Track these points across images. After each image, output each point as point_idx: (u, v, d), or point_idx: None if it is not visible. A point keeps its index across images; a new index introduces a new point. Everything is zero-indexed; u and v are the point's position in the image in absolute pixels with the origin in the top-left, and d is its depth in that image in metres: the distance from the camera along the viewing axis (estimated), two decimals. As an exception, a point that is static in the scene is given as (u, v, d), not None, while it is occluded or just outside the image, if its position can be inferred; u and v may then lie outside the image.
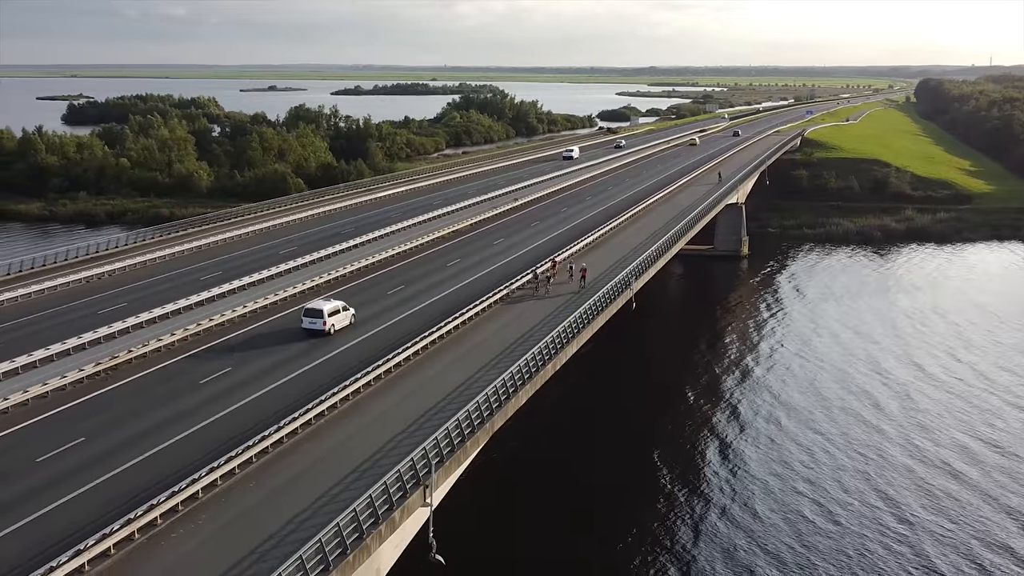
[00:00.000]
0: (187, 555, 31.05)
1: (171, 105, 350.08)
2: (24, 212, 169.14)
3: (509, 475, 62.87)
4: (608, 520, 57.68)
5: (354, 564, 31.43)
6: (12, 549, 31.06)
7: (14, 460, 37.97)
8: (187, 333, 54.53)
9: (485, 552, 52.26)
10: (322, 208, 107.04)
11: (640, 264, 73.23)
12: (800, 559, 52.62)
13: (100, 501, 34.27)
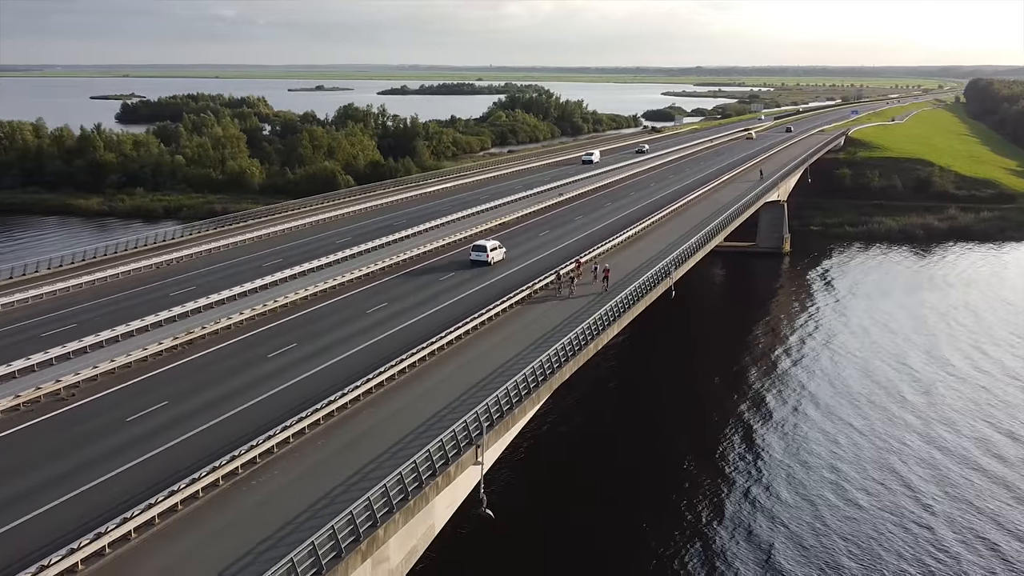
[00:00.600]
0: (265, 499, 34.74)
1: (222, 104, 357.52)
2: (84, 207, 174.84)
3: (553, 448, 67.28)
4: (640, 494, 61.27)
5: (414, 509, 34.98)
6: (115, 491, 34.94)
7: (107, 420, 42.02)
8: (254, 313, 58.69)
9: (530, 514, 56.51)
10: (373, 202, 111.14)
11: (680, 254, 76.18)
12: (820, 537, 55.34)
13: (184, 454, 38.06)
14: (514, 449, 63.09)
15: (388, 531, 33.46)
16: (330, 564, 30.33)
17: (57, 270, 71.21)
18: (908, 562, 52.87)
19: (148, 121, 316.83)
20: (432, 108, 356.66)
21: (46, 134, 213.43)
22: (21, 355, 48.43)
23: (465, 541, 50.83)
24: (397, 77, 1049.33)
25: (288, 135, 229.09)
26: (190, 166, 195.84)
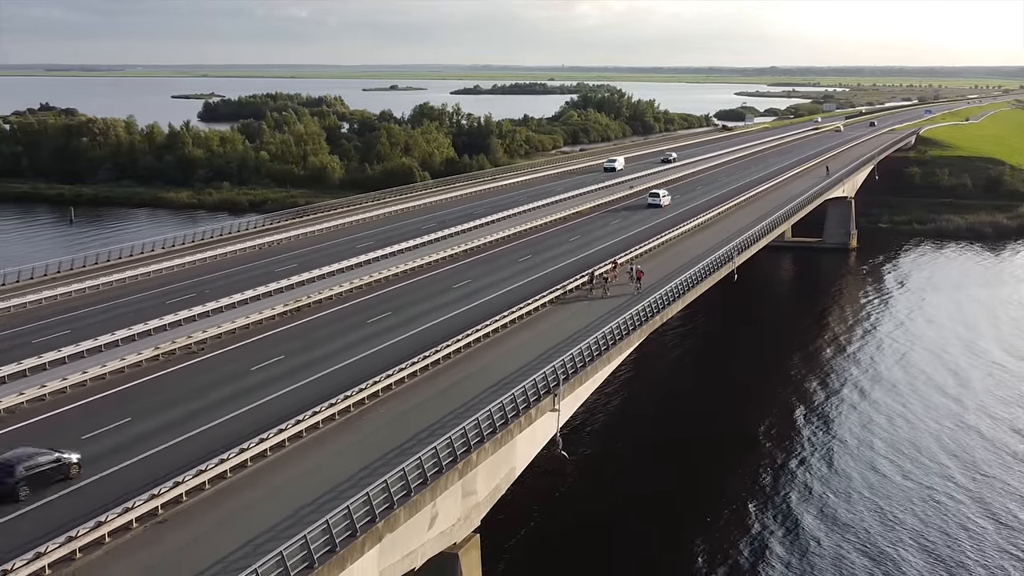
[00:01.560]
0: (375, 430, 41.06)
1: (300, 104, 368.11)
2: (174, 200, 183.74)
3: (622, 413, 73.65)
4: (702, 459, 66.81)
5: (500, 442, 40.80)
6: (246, 421, 41.34)
7: (234, 369, 48.69)
8: (352, 286, 65.65)
9: (599, 462, 61.87)
10: (452, 193, 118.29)
11: (742, 242, 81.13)
12: (869, 504, 59.70)
13: (301, 396, 44.24)
14: (591, 413, 69.35)
15: (479, 457, 39.26)
16: (433, 477, 36.22)
17: (171, 249, 79.01)
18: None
19: (229, 120, 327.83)
20: (505, 107, 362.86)
21: (136, 131, 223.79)
22: (156, 315, 55.49)
23: (538, 492, 56.54)
24: (470, 77, 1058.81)
25: (366, 133, 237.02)
26: (273, 162, 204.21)
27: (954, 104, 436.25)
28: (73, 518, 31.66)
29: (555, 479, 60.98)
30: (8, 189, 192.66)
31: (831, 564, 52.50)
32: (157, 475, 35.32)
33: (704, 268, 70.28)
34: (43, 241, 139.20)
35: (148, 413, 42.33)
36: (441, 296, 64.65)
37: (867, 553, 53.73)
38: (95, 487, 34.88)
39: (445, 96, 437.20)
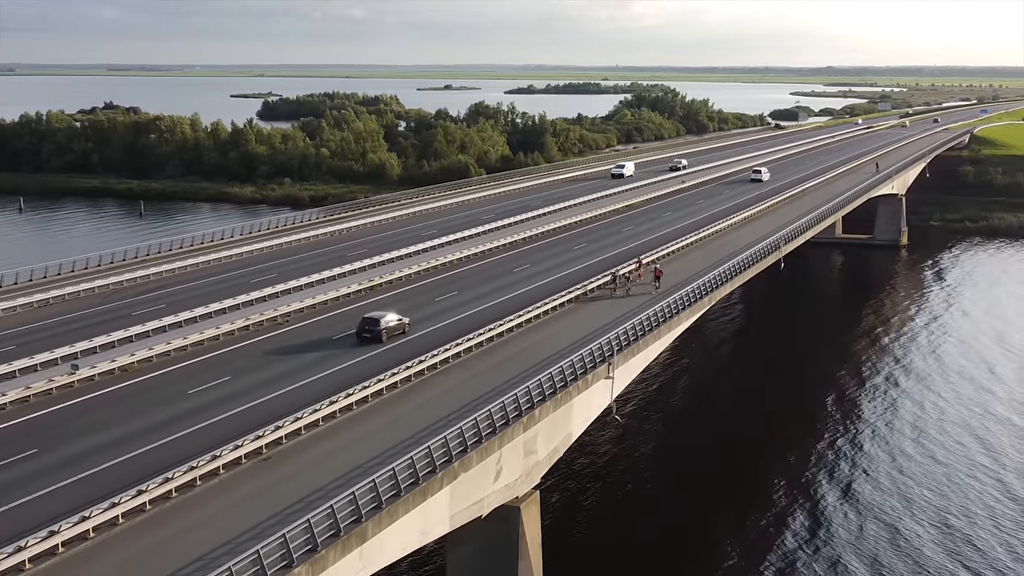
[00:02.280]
0: (455, 385, 46.03)
1: (356, 103, 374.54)
2: (238, 195, 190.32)
3: (671, 394, 77.01)
4: (744, 439, 70.64)
5: (559, 403, 45.20)
6: (340, 379, 45.95)
7: (319, 338, 54.04)
8: (419, 269, 71.10)
9: (649, 436, 65.91)
10: (508, 187, 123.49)
11: (788, 233, 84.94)
12: (897, 484, 63.05)
13: (379, 363, 48.84)
14: (643, 389, 73.64)
15: (541, 414, 43.70)
16: (500, 428, 40.74)
17: (248, 236, 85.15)
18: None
19: (287, 118, 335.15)
20: (559, 107, 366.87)
21: (201, 128, 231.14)
22: (243, 291, 61.14)
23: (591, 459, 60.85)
24: (523, 77, 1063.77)
25: (422, 131, 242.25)
26: (333, 158, 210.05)
27: (1012, 104, 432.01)
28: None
29: (608, 448, 65.62)
30: (80, 184, 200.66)
31: (885, 542, 55.90)
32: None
33: (751, 256, 74.14)
34: (117, 232, 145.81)
35: (254, 369, 48.69)
36: (502, 279, 69.53)
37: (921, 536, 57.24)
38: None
39: (499, 96, 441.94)
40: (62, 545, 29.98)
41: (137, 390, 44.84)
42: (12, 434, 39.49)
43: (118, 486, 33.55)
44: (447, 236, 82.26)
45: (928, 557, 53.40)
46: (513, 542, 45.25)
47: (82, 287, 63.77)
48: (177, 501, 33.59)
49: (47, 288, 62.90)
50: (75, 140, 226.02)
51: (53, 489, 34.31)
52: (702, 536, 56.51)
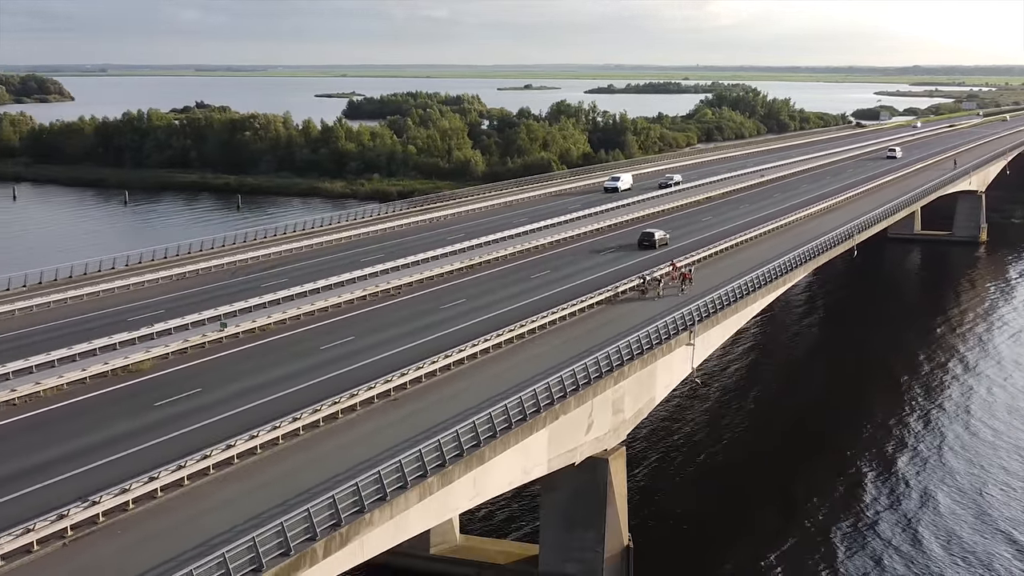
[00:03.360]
0: (546, 350, 51.29)
1: (439, 102, 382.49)
2: (329, 189, 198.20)
3: (746, 373, 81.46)
4: (813, 418, 75.39)
5: (645, 362, 50.62)
6: (446, 342, 51.83)
7: (424, 309, 60.26)
8: (515, 250, 77.74)
9: (725, 409, 70.72)
10: (590, 180, 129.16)
11: (862, 223, 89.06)
12: (965, 463, 67.16)
13: (483, 327, 54.53)
14: (721, 366, 78.65)
15: (630, 370, 49.14)
16: (595, 380, 46.34)
17: (352, 222, 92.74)
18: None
19: (370, 117, 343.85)
20: (639, 106, 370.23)
21: (292, 126, 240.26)
22: (356, 268, 67.99)
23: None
24: (603, 76, 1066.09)
25: (505, 129, 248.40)
26: (420, 155, 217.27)
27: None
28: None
29: (687, 416, 71.12)
30: (179, 179, 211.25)
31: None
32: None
33: (825, 242, 78.63)
34: (219, 223, 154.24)
35: (375, 330, 54.89)
36: (589, 260, 75.33)
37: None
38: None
39: (579, 95, 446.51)
40: (237, 457, 36.45)
41: (276, 346, 51.57)
42: (176, 377, 46.29)
43: (271, 418, 39.75)
44: (537, 223, 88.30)
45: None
46: (602, 490, 50.47)
47: (212, 263, 71.28)
48: (324, 429, 39.91)
49: (183, 264, 70.47)
50: (174, 137, 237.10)
51: (220, 418, 40.87)
52: (767, 503, 60.98)
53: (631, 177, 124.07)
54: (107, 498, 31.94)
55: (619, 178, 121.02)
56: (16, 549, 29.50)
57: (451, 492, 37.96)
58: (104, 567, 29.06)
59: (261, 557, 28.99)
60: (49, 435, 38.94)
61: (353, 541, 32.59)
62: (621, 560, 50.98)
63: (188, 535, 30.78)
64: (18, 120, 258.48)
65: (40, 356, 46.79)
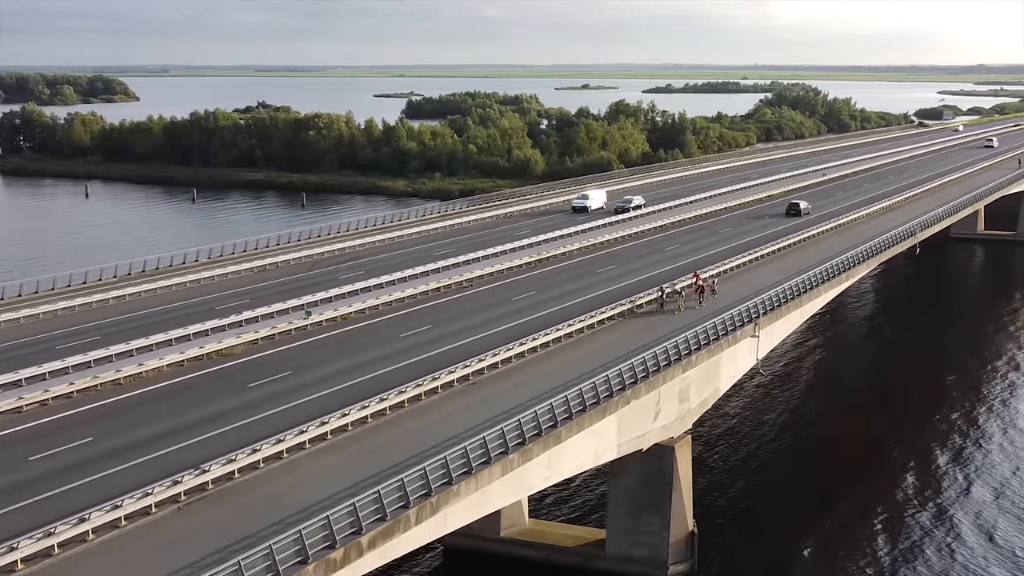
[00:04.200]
0: (616, 338, 53.38)
1: (497, 102, 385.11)
2: (391, 188, 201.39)
3: (809, 367, 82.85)
4: (874, 416, 76.09)
5: (712, 352, 52.52)
6: (519, 331, 54.05)
7: (498, 299, 62.72)
8: (583, 245, 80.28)
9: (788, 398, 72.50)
10: (650, 179, 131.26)
11: (924, 221, 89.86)
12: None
13: (554, 318, 56.60)
14: (783, 360, 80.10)
15: (697, 360, 51.03)
16: (664, 368, 48.25)
17: (421, 218, 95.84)
18: None
19: (430, 116, 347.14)
20: (697, 105, 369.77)
21: (355, 125, 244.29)
22: (429, 261, 70.76)
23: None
24: (661, 76, 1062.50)
25: (564, 128, 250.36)
26: (480, 154, 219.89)
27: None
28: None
29: (750, 407, 72.73)
30: (245, 177, 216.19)
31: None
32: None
33: (887, 240, 79.76)
34: (284, 221, 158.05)
35: (450, 320, 57.47)
36: (655, 255, 77.54)
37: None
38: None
39: (637, 94, 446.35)
40: (330, 433, 39.07)
41: (358, 333, 54.32)
42: (266, 361, 49.10)
43: (359, 398, 42.20)
44: (604, 219, 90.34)
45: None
46: (668, 477, 52.19)
47: (291, 256, 74.38)
48: (409, 409, 42.44)
49: (263, 257, 73.76)
50: (240, 136, 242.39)
51: (311, 398, 43.57)
52: (829, 493, 62.13)
53: (604, 194, 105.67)
54: (215, 467, 34.57)
55: (589, 196, 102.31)
56: (136, 511, 32.19)
57: (528, 470, 40.12)
58: (217, 527, 31.58)
59: (361, 521, 31.38)
60: (156, 411, 41.90)
61: (441, 511, 34.86)
62: (686, 545, 52.63)
63: (289, 501, 33.28)
64: (89, 120, 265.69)
65: (140, 340, 49.80)
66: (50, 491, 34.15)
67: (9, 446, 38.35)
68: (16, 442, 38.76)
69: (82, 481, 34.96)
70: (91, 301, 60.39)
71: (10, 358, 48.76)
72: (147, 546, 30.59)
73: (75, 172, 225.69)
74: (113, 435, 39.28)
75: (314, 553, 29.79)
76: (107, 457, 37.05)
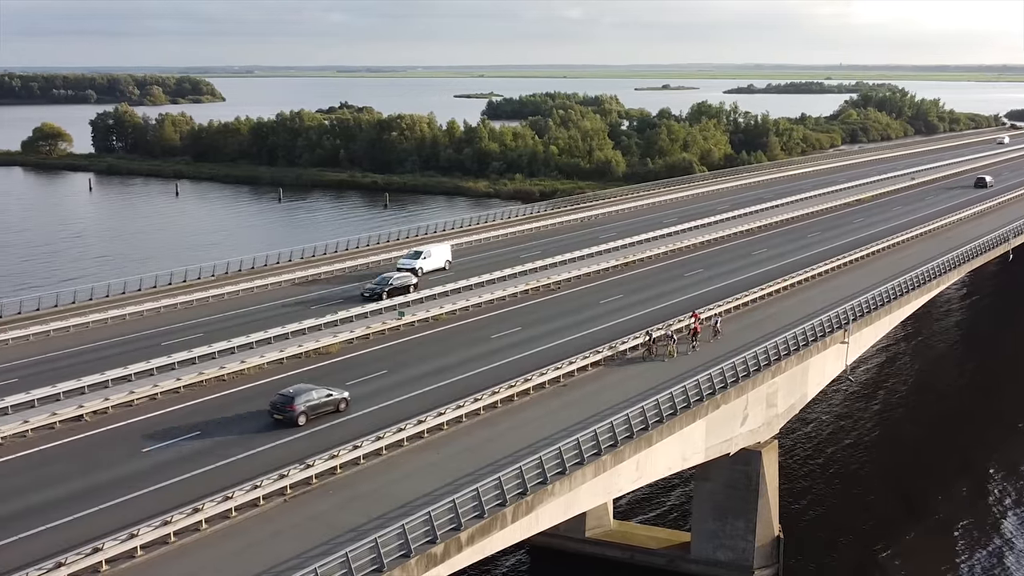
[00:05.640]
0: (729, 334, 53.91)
1: (577, 102, 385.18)
2: (472, 188, 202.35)
3: (899, 373, 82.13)
4: (966, 424, 74.96)
5: (801, 357, 52.54)
6: (613, 331, 54.78)
7: (586, 300, 63.74)
8: (668, 249, 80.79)
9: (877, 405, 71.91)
10: (735, 182, 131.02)
11: (1019, 226, 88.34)
12: None
13: (643, 321, 57.25)
14: (872, 366, 79.51)
15: (785, 367, 51.25)
16: (754, 374, 48.67)
17: (506, 220, 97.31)
18: None
19: (509, 117, 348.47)
20: (780, 106, 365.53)
21: (436, 126, 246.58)
22: (517, 264, 72.21)
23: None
24: (742, 76, 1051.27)
25: (645, 130, 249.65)
26: (561, 155, 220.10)
27: None
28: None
29: (837, 413, 72.32)
30: (329, 177, 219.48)
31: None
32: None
33: (978, 247, 78.65)
34: (370, 220, 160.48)
35: (539, 322, 58.74)
36: (741, 260, 77.68)
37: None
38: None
39: (718, 95, 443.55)
40: (427, 432, 40.27)
41: (449, 334, 55.73)
42: (362, 360, 50.66)
43: (453, 398, 43.35)
44: (687, 223, 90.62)
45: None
46: (754, 482, 52.35)
47: (381, 257, 76.32)
48: (502, 409, 43.46)
49: (354, 257, 76.13)
50: (324, 137, 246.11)
51: (406, 397, 44.91)
52: (918, 501, 61.64)
53: (447, 249, 76.29)
54: (319, 462, 35.92)
55: (421, 254, 73.43)
56: (244, 503, 33.63)
57: (618, 472, 40.81)
58: (322, 520, 32.88)
59: (460, 517, 32.41)
60: (258, 407, 43.44)
61: (535, 510, 35.73)
62: (771, 550, 52.76)
63: (390, 496, 34.52)
64: (179, 120, 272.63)
65: (240, 338, 51.68)
66: (163, 482, 35.81)
67: (123, 438, 40.25)
68: (129, 434, 40.65)
69: (192, 473, 36.59)
70: (191, 299, 62.77)
71: (119, 354, 51.06)
72: (257, 537, 31.98)
73: (164, 171, 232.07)
74: (219, 430, 40.92)
75: (416, 547, 30.88)
76: (214, 450, 38.67)
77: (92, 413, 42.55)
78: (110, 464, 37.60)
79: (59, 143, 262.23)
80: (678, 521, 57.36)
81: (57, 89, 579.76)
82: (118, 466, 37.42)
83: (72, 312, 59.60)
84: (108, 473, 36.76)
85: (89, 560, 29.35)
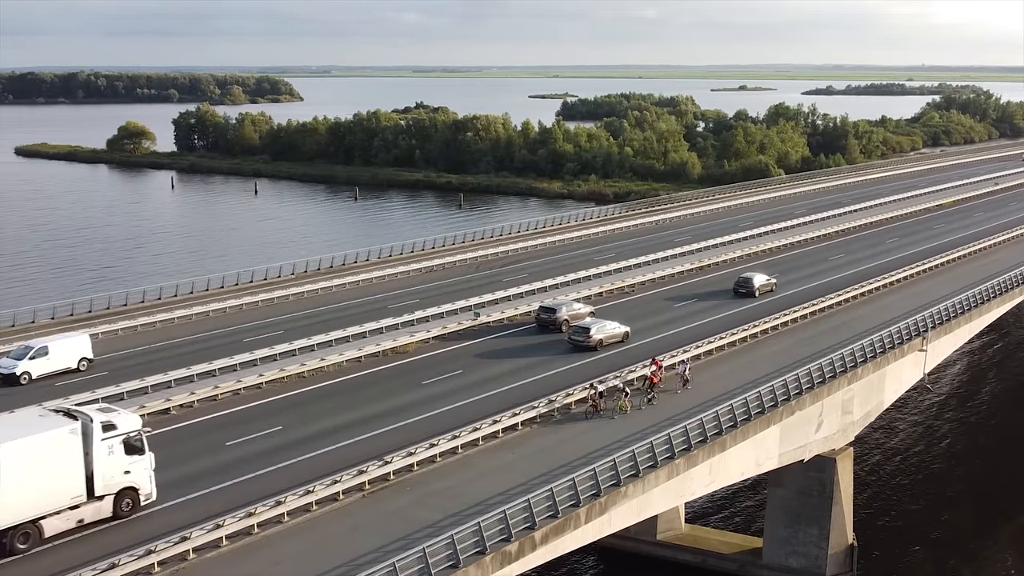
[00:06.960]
0: (783, 348, 53.86)
1: (652, 103, 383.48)
2: (546, 189, 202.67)
3: (979, 383, 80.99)
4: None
5: (878, 365, 52.07)
6: (685, 336, 54.88)
7: (656, 307, 64.09)
8: (740, 254, 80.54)
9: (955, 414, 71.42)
10: (813, 186, 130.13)
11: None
12: None
13: (718, 326, 57.25)
14: (951, 376, 78.48)
15: (862, 373, 50.89)
16: (829, 382, 48.49)
17: (581, 222, 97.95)
18: None
19: (584, 118, 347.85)
20: (860, 108, 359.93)
21: (511, 127, 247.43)
22: (592, 266, 72.84)
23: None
24: (821, 77, 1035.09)
25: (721, 131, 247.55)
26: (636, 157, 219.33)
27: None
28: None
29: (915, 421, 71.30)
30: (404, 177, 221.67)
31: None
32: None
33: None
34: (444, 220, 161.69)
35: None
36: (818, 265, 77.12)
37: None
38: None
39: (796, 96, 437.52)
40: (502, 432, 41.06)
41: (525, 335, 56.13)
42: (437, 360, 51.66)
43: (528, 398, 44.00)
44: (763, 227, 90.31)
45: None
46: (828, 488, 51.99)
47: (457, 258, 77.30)
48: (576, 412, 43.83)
49: (431, 258, 77.17)
50: (400, 137, 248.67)
51: (480, 397, 45.78)
52: (995, 512, 60.36)
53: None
54: (397, 458, 36.78)
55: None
56: (324, 497, 34.58)
57: (691, 476, 41.01)
58: (399, 516, 33.72)
59: (535, 516, 32.97)
60: (339, 403, 44.73)
61: (608, 512, 36.14)
62: (845, 558, 52.38)
63: (465, 494, 35.27)
64: (258, 120, 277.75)
65: (320, 336, 52.98)
66: (247, 474, 36.97)
67: (208, 431, 41.63)
68: (214, 428, 42.02)
69: (275, 467, 37.74)
70: (272, 297, 64.37)
71: (203, 349, 52.68)
72: (336, 531, 32.89)
73: (243, 169, 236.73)
74: (300, 425, 42.11)
75: (491, 545, 31.50)
76: (296, 445, 39.81)
77: (178, 407, 44.07)
78: (197, 455, 38.90)
79: (143, 141, 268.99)
80: (750, 526, 57.15)
81: (141, 88, 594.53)
82: (204, 458, 38.70)
83: (159, 308, 61.54)
84: (193, 465, 38.02)
85: (177, 548, 30.54)
